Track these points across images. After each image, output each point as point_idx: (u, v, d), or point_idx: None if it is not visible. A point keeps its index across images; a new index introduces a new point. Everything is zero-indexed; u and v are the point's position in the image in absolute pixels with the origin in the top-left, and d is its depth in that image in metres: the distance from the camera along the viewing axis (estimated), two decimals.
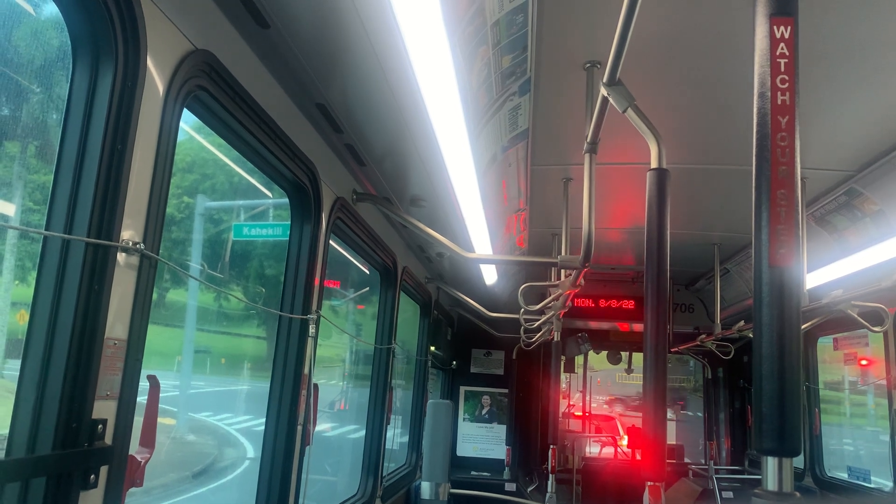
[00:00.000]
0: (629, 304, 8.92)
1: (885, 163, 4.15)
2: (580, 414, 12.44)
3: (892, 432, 5.57)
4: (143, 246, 1.91)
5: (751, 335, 1.38)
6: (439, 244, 4.06)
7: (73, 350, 1.73)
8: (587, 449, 10.84)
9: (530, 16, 2.82)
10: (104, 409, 1.81)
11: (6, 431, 1.71)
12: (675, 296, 8.91)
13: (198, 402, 15.34)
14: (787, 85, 1.33)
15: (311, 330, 3.37)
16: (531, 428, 9.69)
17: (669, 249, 2.33)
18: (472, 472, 8.80)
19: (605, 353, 11.14)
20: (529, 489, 8.77)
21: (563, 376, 11.29)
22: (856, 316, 4.59)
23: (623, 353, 11.04)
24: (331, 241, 3.68)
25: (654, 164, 2.36)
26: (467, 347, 9.31)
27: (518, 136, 3.96)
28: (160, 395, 2.09)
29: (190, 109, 2.31)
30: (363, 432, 5.65)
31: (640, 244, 2.33)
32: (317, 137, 3.30)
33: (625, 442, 12.33)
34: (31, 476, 1.67)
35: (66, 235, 1.76)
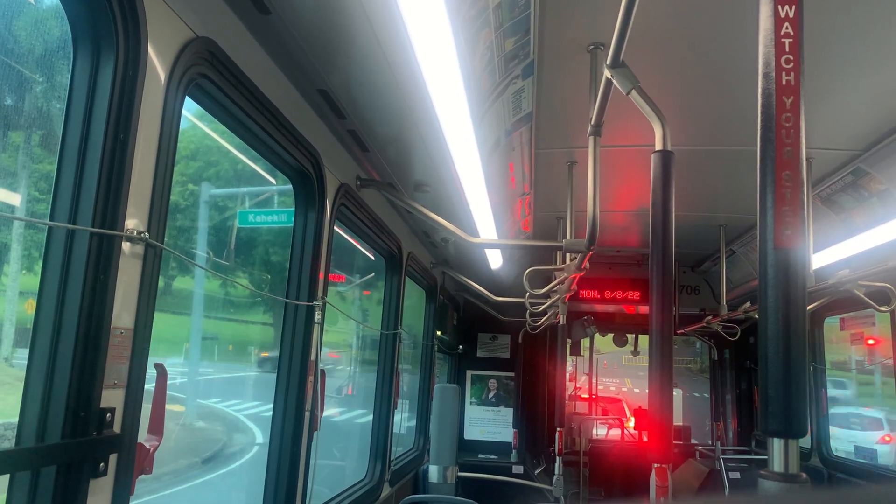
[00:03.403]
0: (635, 287, 8.91)
1: (891, 142, 4.12)
2: (587, 396, 12.47)
3: None
4: (147, 235, 1.92)
5: (757, 316, 1.37)
6: (444, 229, 4.05)
7: (80, 340, 1.74)
8: (594, 431, 10.87)
9: None
10: (112, 397, 1.83)
11: (16, 420, 1.73)
12: (681, 278, 8.90)
13: (206, 389, 15.43)
14: (791, 65, 1.32)
15: (317, 316, 3.38)
16: (538, 411, 9.72)
17: (675, 231, 2.32)
18: (480, 456, 8.84)
19: (610, 335, 11.14)
20: (537, 471, 8.80)
21: (570, 359, 11.31)
22: (862, 296, 4.58)
23: (629, 336, 11.03)
24: (336, 228, 3.68)
25: (658, 146, 2.35)
26: (473, 332, 9.33)
27: (521, 120, 3.94)
28: (167, 382, 2.10)
29: (192, 97, 2.30)
30: (370, 417, 5.68)
31: (646, 227, 2.33)
32: (320, 124, 3.29)
33: (631, 424, 12.37)
34: (41, 465, 1.68)
35: (70, 226, 1.76)
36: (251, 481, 11.48)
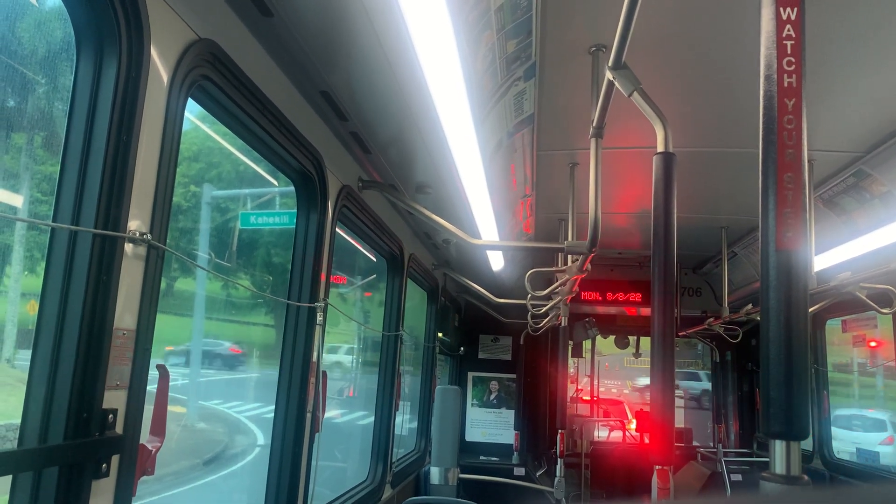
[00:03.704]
0: (636, 289, 8.91)
1: (893, 144, 4.12)
2: (588, 398, 12.46)
3: None
4: (150, 236, 1.92)
5: (759, 318, 1.37)
6: (446, 231, 4.06)
7: (82, 341, 1.74)
8: (595, 433, 10.86)
9: (535, 0, 2.80)
10: (114, 398, 1.83)
11: (19, 421, 1.73)
12: (683, 280, 8.89)
13: (207, 391, 15.44)
14: (793, 67, 1.32)
15: (319, 318, 3.38)
16: (539, 413, 9.71)
17: (676, 233, 2.32)
18: (481, 457, 8.84)
19: (612, 337, 11.12)
20: (538, 473, 8.80)
21: (571, 361, 11.30)
22: (864, 298, 4.58)
23: (631, 338, 11.02)
24: (337, 229, 3.68)
25: (660, 148, 2.35)
26: (475, 333, 9.32)
27: (523, 122, 3.94)
28: (170, 383, 2.10)
29: (194, 99, 2.31)
30: (372, 418, 5.68)
31: (647, 228, 2.33)
32: (322, 125, 3.29)
33: (633, 426, 12.35)
34: (43, 466, 1.68)
35: (73, 227, 1.76)
36: (253, 482, 11.48)
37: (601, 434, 11.67)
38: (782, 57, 1.33)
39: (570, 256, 4.80)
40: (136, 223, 1.89)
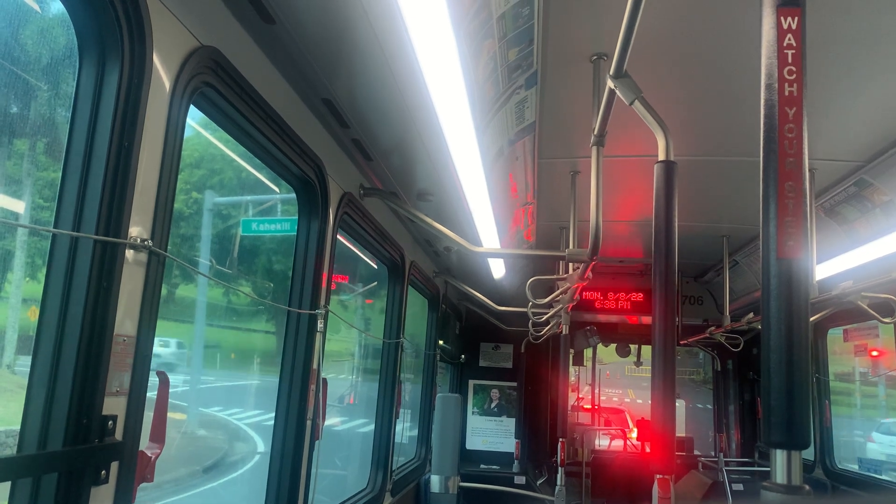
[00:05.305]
0: (638, 297, 8.90)
1: (894, 153, 4.12)
2: (589, 407, 12.43)
3: None
4: (151, 242, 1.92)
5: (760, 327, 1.37)
6: (447, 238, 4.06)
7: (82, 347, 1.74)
8: (596, 442, 10.82)
9: (536, 8, 2.81)
10: (114, 405, 1.83)
11: (18, 427, 1.72)
12: (684, 288, 8.88)
13: (208, 397, 15.42)
14: (794, 76, 1.32)
15: (320, 325, 3.37)
16: (540, 421, 9.68)
17: (677, 242, 2.32)
18: (482, 466, 8.81)
19: (613, 345, 11.09)
20: (539, 482, 8.76)
21: (572, 369, 11.28)
22: (866, 307, 4.57)
23: (632, 346, 11.00)
24: (338, 236, 3.68)
25: (661, 157, 2.35)
26: (476, 341, 9.31)
27: (525, 130, 3.95)
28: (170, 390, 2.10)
29: (196, 106, 2.31)
30: (372, 426, 5.67)
31: (648, 237, 2.34)
32: (323, 133, 3.30)
33: (634, 434, 12.31)
34: (42, 472, 1.68)
35: (74, 233, 1.77)
36: (253, 490, 11.45)
37: (602, 443, 11.63)
38: (783, 66, 1.33)
39: (571, 264, 4.79)
40: (138, 229, 1.89)
